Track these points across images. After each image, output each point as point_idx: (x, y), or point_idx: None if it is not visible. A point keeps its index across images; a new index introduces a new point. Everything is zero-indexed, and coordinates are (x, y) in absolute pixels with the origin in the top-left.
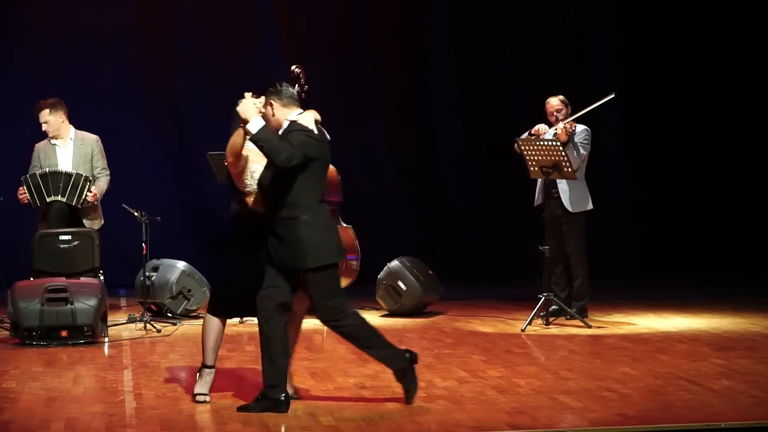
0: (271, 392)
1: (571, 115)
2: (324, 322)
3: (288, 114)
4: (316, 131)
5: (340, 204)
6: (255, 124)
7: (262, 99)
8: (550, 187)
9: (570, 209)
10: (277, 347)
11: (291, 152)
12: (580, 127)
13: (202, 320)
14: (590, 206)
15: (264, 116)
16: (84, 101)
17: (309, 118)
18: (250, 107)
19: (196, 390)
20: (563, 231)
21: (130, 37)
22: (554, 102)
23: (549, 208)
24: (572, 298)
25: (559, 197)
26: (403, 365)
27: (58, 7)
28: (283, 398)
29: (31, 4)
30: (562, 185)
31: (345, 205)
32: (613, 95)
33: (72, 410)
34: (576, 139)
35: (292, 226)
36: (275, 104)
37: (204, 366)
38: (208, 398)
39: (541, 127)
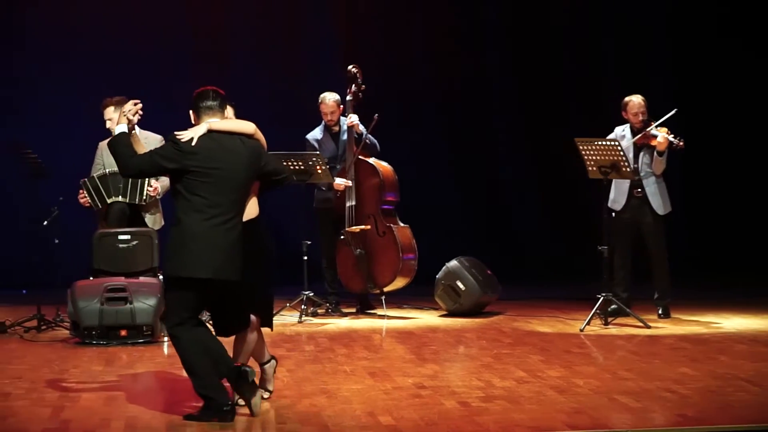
0: (210, 404)
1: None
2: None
3: (201, 123)
4: (193, 143)
5: (398, 203)
6: (117, 131)
7: (139, 106)
8: (634, 187)
9: (658, 211)
10: (190, 361)
11: (130, 163)
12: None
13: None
14: (670, 207)
15: None
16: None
17: (195, 129)
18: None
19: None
20: (645, 232)
21: (186, 36)
22: (639, 101)
23: (629, 209)
24: (659, 298)
25: (643, 198)
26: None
27: (112, 6)
28: (226, 408)
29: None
30: (650, 187)
31: (402, 204)
32: (674, 111)
33: (131, 409)
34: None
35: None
36: (192, 114)
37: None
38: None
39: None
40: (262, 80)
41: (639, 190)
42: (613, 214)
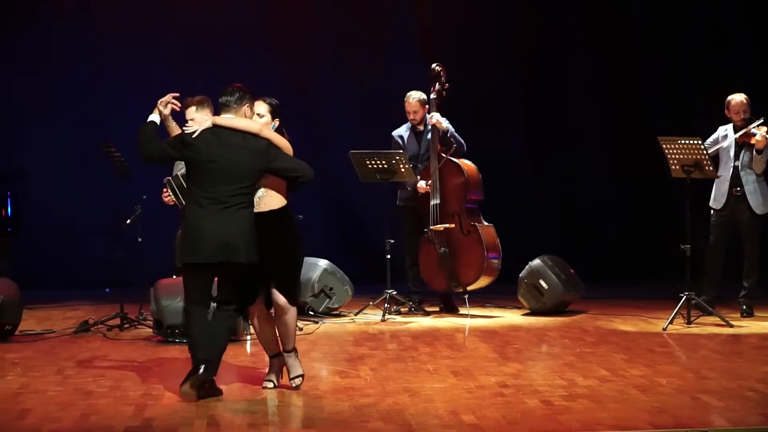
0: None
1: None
2: None
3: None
4: (194, 136)
5: (482, 202)
6: (149, 119)
7: (170, 96)
8: (733, 186)
9: (756, 210)
10: (191, 333)
11: (144, 149)
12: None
13: (343, 318)
14: None
15: None
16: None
17: (200, 122)
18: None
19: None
20: (741, 230)
21: (268, 37)
22: (740, 99)
23: (728, 207)
24: (744, 296)
25: (741, 196)
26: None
27: (191, 6)
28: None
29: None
30: (749, 186)
31: (486, 203)
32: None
33: (214, 407)
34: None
35: None
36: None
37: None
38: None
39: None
40: (347, 80)
41: (738, 188)
42: (712, 212)
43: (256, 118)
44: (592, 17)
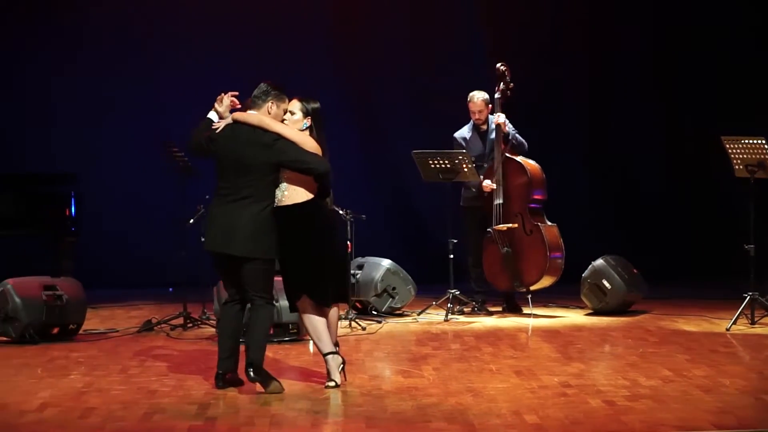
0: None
1: None
2: None
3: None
4: (219, 129)
5: (545, 202)
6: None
7: (229, 95)
8: None
9: None
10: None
11: (189, 144)
12: None
13: (406, 318)
14: None
15: None
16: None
17: (225, 119)
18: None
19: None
20: None
21: (329, 34)
22: None
23: None
24: None
25: None
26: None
27: (254, 5)
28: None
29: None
30: None
31: (549, 203)
32: None
33: (277, 407)
34: None
35: None
36: None
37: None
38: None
39: None
40: (409, 79)
41: None
42: None
43: (288, 116)
44: (651, 16)
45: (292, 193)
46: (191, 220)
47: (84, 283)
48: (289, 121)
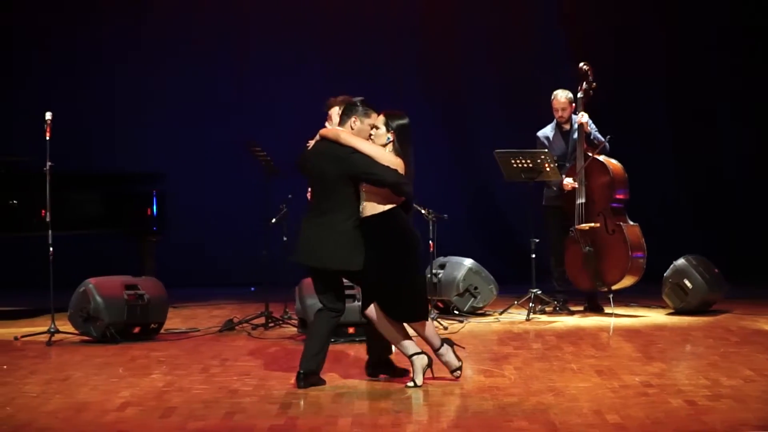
0: None
1: None
2: None
3: None
4: (310, 146)
5: (628, 201)
6: None
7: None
8: None
9: None
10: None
11: None
12: None
13: (488, 317)
14: None
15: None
16: (370, 99)
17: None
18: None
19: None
20: None
21: (416, 35)
22: None
23: None
24: None
25: None
26: None
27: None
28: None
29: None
30: None
31: (631, 202)
32: None
33: (359, 406)
34: None
35: None
36: None
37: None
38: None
39: None
40: (493, 79)
41: None
42: None
43: (373, 131)
44: (739, 14)
45: (368, 206)
46: (273, 220)
47: (167, 283)
48: (375, 136)
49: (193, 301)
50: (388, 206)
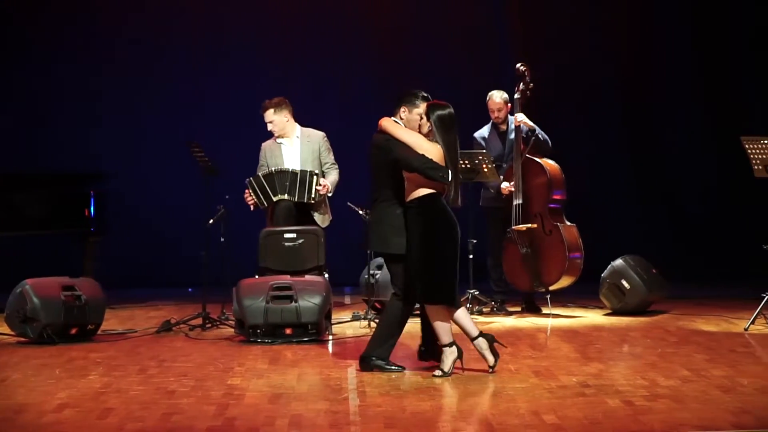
0: None
1: None
2: None
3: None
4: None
5: (565, 202)
6: None
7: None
8: None
9: None
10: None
11: None
12: None
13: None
14: None
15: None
16: (317, 99)
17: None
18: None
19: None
20: None
21: (364, 36)
22: None
23: None
24: None
25: None
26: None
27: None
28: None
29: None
30: None
31: (569, 202)
32: None
33: (296, 407)
34: None
35: None
36: None
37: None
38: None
39: None
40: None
41: None
42: None
43: (422, 120)
44: (690, 12)
45: (408, 191)
46: (211, 221)
47: (103, 284)
48: (422, 125)
49: (131, 302)
50: (426, 191)
